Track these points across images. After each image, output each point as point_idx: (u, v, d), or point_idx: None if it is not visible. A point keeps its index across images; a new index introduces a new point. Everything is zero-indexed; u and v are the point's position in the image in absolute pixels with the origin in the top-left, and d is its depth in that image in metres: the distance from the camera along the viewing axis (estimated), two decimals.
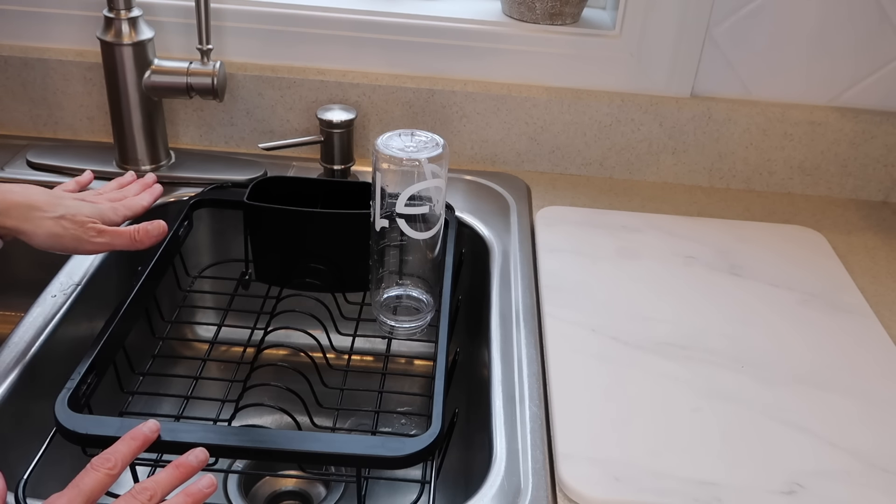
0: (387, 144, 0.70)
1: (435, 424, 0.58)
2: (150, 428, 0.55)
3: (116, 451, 0.53)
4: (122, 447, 0.53)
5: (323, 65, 1.00)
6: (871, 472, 0.62)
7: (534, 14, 0.98)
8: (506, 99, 0.99)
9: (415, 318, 0.77)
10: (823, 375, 0.72)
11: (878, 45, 0.97)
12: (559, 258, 0.85)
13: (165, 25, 0.97)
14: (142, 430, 0.55)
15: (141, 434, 0.54)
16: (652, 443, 0.64)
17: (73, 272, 0.79)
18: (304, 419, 0.71)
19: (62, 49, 1.00)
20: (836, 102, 1.01)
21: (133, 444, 0.54)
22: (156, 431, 0.55)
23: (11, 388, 0.66)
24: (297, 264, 0.83)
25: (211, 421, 0.70)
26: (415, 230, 0.72)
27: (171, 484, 0.52)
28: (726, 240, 0.91)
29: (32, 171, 0.94)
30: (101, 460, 0.52)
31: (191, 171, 0.96)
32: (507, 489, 0.60)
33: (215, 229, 0.96)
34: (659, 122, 1.00)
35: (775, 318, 0.79)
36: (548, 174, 1.04)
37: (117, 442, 0.54)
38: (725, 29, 0.97)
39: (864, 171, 1.02)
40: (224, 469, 0.79)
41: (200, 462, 0.54)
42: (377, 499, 0.83)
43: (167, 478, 0.52)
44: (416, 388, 0.98)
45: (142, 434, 0.54)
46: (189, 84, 0.90)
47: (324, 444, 0.56)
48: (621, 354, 0.73)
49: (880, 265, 0.90)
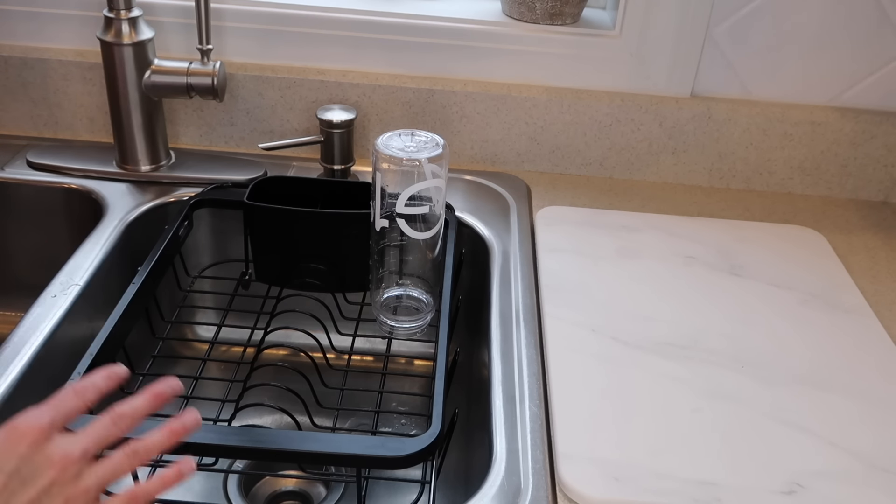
0: (387, 144, 0.70)
1: (435, 424, 0.58)
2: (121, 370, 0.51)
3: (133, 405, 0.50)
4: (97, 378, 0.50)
5: (323, 65, 1.00)
6: (871, 472, 0.62)
7: (534, 14, 0.98)
8: (506, 99, 0.99)
9: (415, 318, 0.77)
10: (823, 375, 0.72)
11: (878, 45, 0.97)
12: (559, 258, 0.85)
13: (165, 25, 0.97)
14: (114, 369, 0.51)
15: (113, 372, 0.51)
16: (652, 443, 0.64)
17: (74, 272, 0.79)
18: (304, 419, 0.71)
19: (62, 49, 0.99)
20: (836, 102, 1.01)
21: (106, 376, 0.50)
22: (125, 374, 0.51)
23: (12, 387, 0.66)
24: (297, 264, 0.83)
25: (211, 421, 0.70)
26: (415, 230, 0.72)
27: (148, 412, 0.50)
28: (726, 240, 0.91)
29: (32, 170, 0.94)
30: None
31: (191, 171, 0.96)
32: (507, 489, 0.60)
33: (215, 229, 0.96)
34: (659, 122, 1.00)
35: (775, 318, 0.79)
36: (548, 174, 1.04)
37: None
38: (725, 29, 0.97)
39: (864, 171, 1.02)
40: (224, 469, 0.79)
41: (173, 389, 0.51)
42: (377, 499, 0.83)
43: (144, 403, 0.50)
44: (416, 388, 0.98)
45: (114, 372, 0.51)
46: (189, 84, 0.90)
47: (324, 444, 0.56)
48: (621, 354, 0.73)
49: (880, 265, 0.90)
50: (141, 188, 0.93)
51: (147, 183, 0.94)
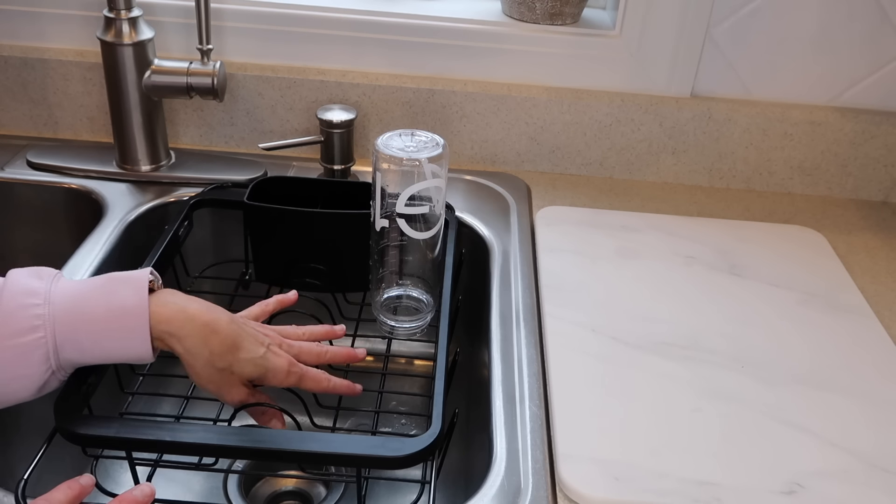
0: (387, 144, 0.70)
1: (435, 424, 0.58)
2: (87, 480, 0.54)
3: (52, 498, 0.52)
4: (59, 495, 0.52)
5: (323, 65, 1.00)
6: (871, 472, 0.62)
7: (534, 14, 0.98)
8: (506, 99, 0.99)
9: (415, 318, 0.77)
10: (823, 375, 0.72)
11: (878, 45, 0.97)
12: (559, 258, 0.85)
13: (165, 25, 0.97)
14: (78, 481, 0.53)
15: (77, 485, 0.53)
16: (652, 443, 0.64)
17: (74, 272, 0.79)
18: (304, 419, 0.70)
19: (62, 49, 1.00)
20: (836, 102, 1.01)
21: (69, 492, 0.52)
22: (90, 486, 0.54)
23: None
24: (297, 264, 0.83)
25: (211, 421, 0.69)
26: (415, 230, 0.72)
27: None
28: (726, 240, 0.91)
29: (32, 170, 0.94)
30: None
31: (191, 171, 0.96)
32: (507, 489, 0.60)
33: (215, 229, 0.96)
34: (659, 122, 1.00)
35: (775, 318, 0.79)
36: (548, 174, 1.04)
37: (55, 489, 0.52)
38: (725, 29, 0.97)
39: (864, 171, 1.02)
40: (224, 469, 0.79)
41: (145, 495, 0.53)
42: (377, 499, 0.83)
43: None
44: (416, 388, 0.98)
45: (78, 485, 0.53)
46: (189, 84, 0.90)
47: (324, 444, 0.56)
48: (621, 354, 0.73)
49: (880, 265, 0.90)
50: (141, 188, 0.93)
51: (147, 183, 0.94)
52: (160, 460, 0.64)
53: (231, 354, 0.59)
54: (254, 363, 0.60)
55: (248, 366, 0.60)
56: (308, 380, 0.64)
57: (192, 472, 0.80)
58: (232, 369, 0.60)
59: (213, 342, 0.58)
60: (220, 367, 0.59)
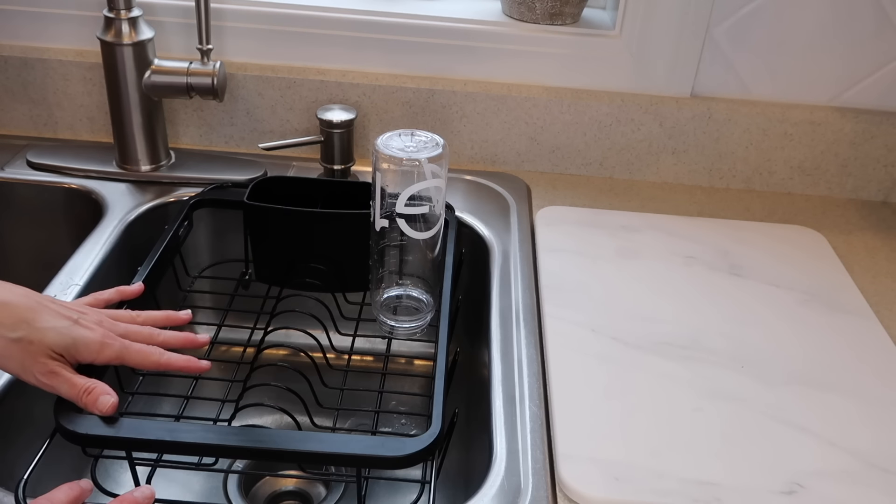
0: (387, 144, 0.70)
1: (435, 424, 0.58)
2: (87, 484, 0.55)
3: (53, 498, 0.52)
4: (60, 495, 0.53)
5: (323, 65, 1.00)
6: (871, 472, 0.62)
7: (534, 14, 0.98)
8: (506, 99, 0.99)
9: (415, 318, 0.77)
10: (823, 375, 0.72)
11: (878, 45, 0.97)
12: (559, 258, 0.85)
13: (165, 25, 0.97)
14: (79, 483, 0.54)
15: (78, 487, 0.54)
16: (652, 443, 0.64)
17: (73, 272, 0.79)
18: (304, 419, 0.71)
19: (62, 49, 0.99)
20: (836, 102, 1.01)
21: (71, 493, 0.53)
22: (90, 490, 0.55)
23: (12, 387, 0.66)
24: (297, 264, 0.83)
25: (211, 421, 0.69)
26: (415, 230, 0.72)
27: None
28: (726, 240, 0.91)
29: (32, 170, 0.94)
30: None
31: (191, 171, 0.96)
32: (507, 489, 0.60)
33: (215, 229, 0.96)
34: (659, 122, 1.00)
35: (775, 318, 0.79)
36: (548, 174, 1.04)
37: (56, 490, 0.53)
38: (725, 29, 0.97)
39: (864, 171, 1.02)
40: (224, 469, 0.79)
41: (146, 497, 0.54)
42: (377, 499, 0.83)
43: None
44: (416, 388, 0.98)
45: (79, 487, 0.54)
46: (189, 84, 0.90)
47: (324, 444, 0.56)
48: (621, 354, 0.73)
49: (880, 265, 0.90)
50: (141, 188, 0.93)
51: (147, 183, 0.94)
52: (160, 460, 0.64)
53: (26, 324, 0.57)
54: (57, 331, 0.57)
55: (49, 334, 0.57)
56: (132, 353, 0.60)
57: (192, 472, 0.80)
58: (30, 338, 0.56)
59: (2, 314, 0.56)
60: (15, 337, 0.56)
